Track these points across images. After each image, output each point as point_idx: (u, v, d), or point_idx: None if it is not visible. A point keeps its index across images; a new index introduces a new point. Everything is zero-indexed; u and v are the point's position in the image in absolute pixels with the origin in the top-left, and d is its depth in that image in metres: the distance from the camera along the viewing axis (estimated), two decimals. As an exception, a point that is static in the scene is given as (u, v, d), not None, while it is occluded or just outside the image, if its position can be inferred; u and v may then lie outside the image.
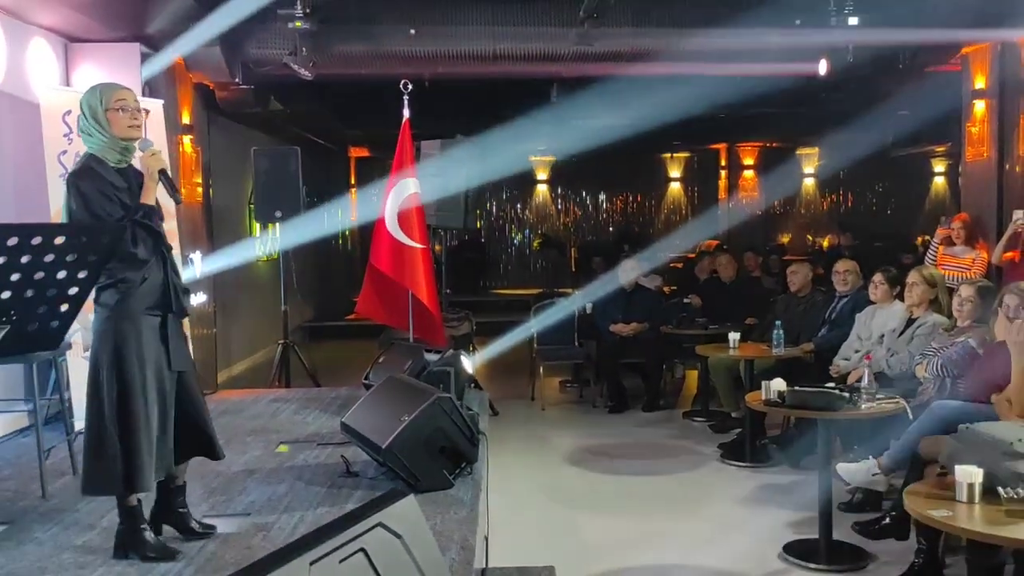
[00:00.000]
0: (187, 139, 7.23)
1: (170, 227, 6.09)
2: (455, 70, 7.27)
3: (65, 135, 5.48)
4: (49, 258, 1.76)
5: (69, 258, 1.78)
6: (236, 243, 8.59)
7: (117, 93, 3.14)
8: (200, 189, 7.52)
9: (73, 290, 1.85)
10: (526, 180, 16.33)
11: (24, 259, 1.72)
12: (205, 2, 6.40)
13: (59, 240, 1.75)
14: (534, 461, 6.04)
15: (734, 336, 6.08)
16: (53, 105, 5.43)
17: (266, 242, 10.08)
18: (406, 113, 6.24)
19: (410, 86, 6.23)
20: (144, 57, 6.45)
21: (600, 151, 14.84)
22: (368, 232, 6.78)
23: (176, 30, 6.43)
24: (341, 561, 2.01)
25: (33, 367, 3.99)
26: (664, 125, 11.73)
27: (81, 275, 1.84)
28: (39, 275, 1.77)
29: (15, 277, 1.73)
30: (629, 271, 7.74)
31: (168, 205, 6.06)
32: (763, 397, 4.35)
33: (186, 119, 7.22)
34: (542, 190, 16.56)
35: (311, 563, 1.95)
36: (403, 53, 6.97)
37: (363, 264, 6.80)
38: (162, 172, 3.05)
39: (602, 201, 16.72)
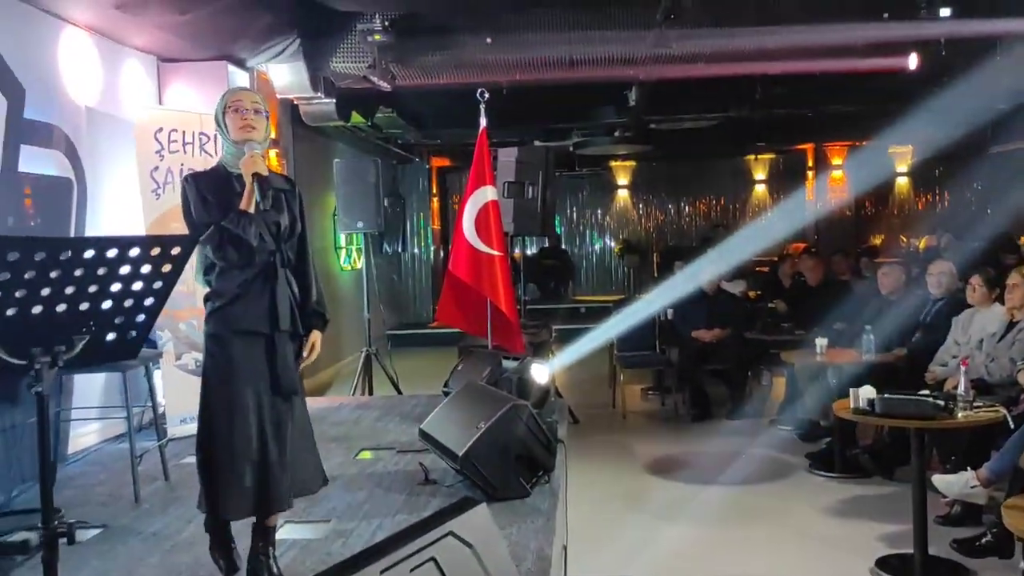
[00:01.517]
0: (273, 153, 7.42)
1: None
2: (532, 77, 7.26)
3: (157, 152, 5.70)
4: (125, 270, 1.80)
5: (144, 269, 1.82)
6: (321, 254, 8.78)
7: (234, 95, 3.07)
8: (285, 201, 7.71)
9: (148, 301, 1.89)
10: (606, 185, 16.23)
11: (100, 271, 1.76)
12: (289, 20, 6.57)
13: (134, 252, 1.79)
14: (615, 469, 5.96)
15: (821, 342, 5.88)
16: (145, 123, 5.64)
17: (349, 252, 10.28)
18: (483, 121, 6.26)
19: (487, 94, 6.24)
20: (231, 74, 6.66)
21: (681, 154, 14.71)
22: (448, 240, 6.83)
23: (261, 47, 6.62)
24: (412, 570, 2.01)
25: (125, 375, 4.14)
26: (749, 126, 11.53)
27: (156, 285, 1.88)
28: (115, 287, 1.82)
29: (92, 289, 1.77)
30: (709, 274, 7.58)
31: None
32: (852, 405, 4.18)
33: (272, 133, 7.41)
34: (622, 195, 16.42)
35: (382, 571, 1.95)
36: (480, 62, 7.00)
37: (444, 272, 6.85)
38: (256, 176, 2.90)
39: (684, 205, 16.48)
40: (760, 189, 16.20)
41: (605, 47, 6.80)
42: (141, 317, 1.89)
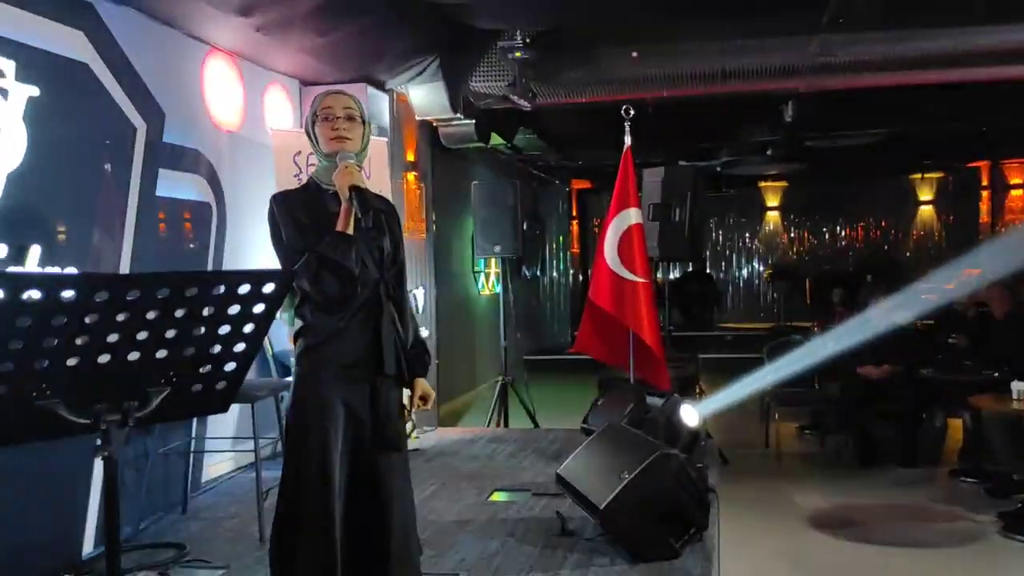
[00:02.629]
0: (411, 176, 7.30)
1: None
2: (680, 92, 6.82)
3: (295, 176, 5.62)
4: (208, 311, 1.53)
5: (232, 311, 1.55)
6: (458, 278, 8.61)
7: (325, 100, 2.61)
8: (423, 225, 7.57)
9: (240, 347, 1.63)
10: (755, 207, 15.47)
11: (179, 313, 1.50)
12: (428, 39, 6.43)
13: (219, 290, 1.52)
14: (772, 522, 5.38)
15: (1019, 386, 5.11)
16: (283, 146, 5.59)
17: (487, 276, 10.08)
18: (627, 140, 5.92)
19: (632, 112, 5.89)
20: (371, 97, 6.58)
21: (838, 173, 13.77)
22: (588, 265, 6.46)
23: (400, 68, 6.51)
24: None
25: (254, 406, 4.00)
26: (914, 142, 10.61)
27: (247, 329, 1.61)
28: (198, 331, 1.55)
29: (170, 334, 1.51)
30: (885, 307, 6.85)
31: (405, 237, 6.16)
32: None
33: (410, 156, 7.30)
34: (772, 216, 15.59)
35: None
36: (625, 77, 6.64)
37: (583, 297, 6.49)
38: (354, 189, 2.43)
39: (839, 228, 15.46)
40: (926, 210, 14.99)
41: (761, 57, 6.28)
42: (231, 366, 1.62)
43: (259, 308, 1.54)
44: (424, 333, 7.13)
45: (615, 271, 5.74)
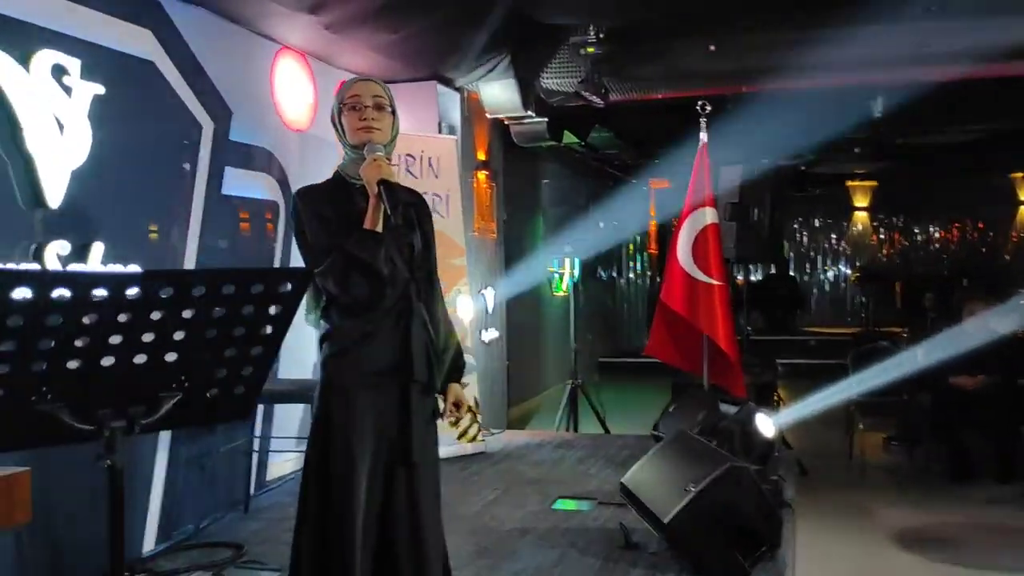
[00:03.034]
0: (482, 175, 7.22)
1: (458, 263, 6.14)
2: (759, 87, 6.54)
3: (363, 174, 5.61)
4: (219, 312, 1.44)
5: (245, 311, 1.45)
6: (528, 278, 8.49)
7: (352, 88, 2.45)
8: (494, 224, 7.48)
9: (256, 349, 1.53)
10: (841, 206, 14.89)
11: (186, 314, 1.41)
12: (499, 36, 6.33)
13: (229, 290, 1.43)
14: (854, 541, 5.08)
15: None
16: (352, 145, 5.58)
17: (559, 276, 9.93)
18: (703, 137, 5.72)
19: (708, 107, 5.68)
20: (440, 95, 6.52)
21: (932, 171, 13.13)
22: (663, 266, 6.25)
23: (471, 65, 6.43)
24: None
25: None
26: (1016, 138, 10.00)
27: (266, 330, 1.51)
28: (210, 332, 1.46)
29: (179, 336, 1.42)
30: (982, 313, 6.42)
31: (455, 238, 6.08)
32: None
33: (481, 155, 7.22)
34: (860, 217, 14.98)
35: None
36: (701, 72, 6.40)
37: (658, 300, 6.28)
38: (383, 184, 2.25)
39: (932, 229, 14.76)
40: (1028, 211, 14.19)
41: (848, 47, 5.95)
42: (248, 370, 1.53)
43: (275, 309, 1.45)
44: (494, 335, 7.11)
45: (689, 272, 5.55)
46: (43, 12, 3.25)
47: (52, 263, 3.16)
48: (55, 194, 3.24)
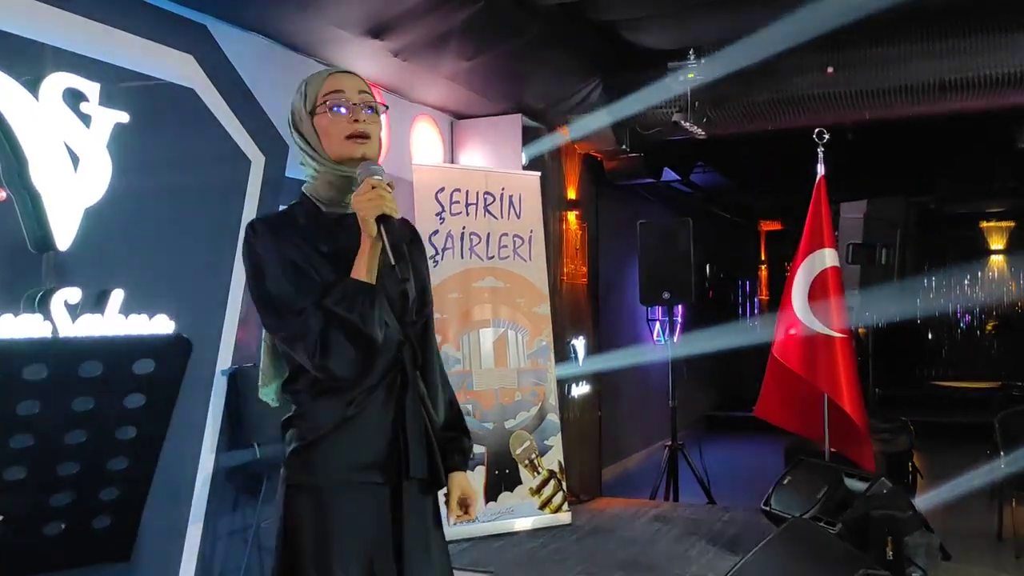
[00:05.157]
0: (572, 215, 6.68)
1: (541, 311, 5.57)
2: (886, 113, 5.78)
3: (437, 214, 5.19)
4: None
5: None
6: (625, 327, 7.85)
7: (328, 81, 1.83)
8: (585, 268, 6.90)
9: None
10: (976, 248, 13.65)
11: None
12: (588, 62, 5.83)
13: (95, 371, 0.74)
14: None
15: None
16: (425, 182, 5.18)
17: (657, 324, 9.24)
18: (821, 169, 5.05)
19: (826, 136, 5.01)
20: (525, 129, 6.04)
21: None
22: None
23: (557, 95, 5.93)
24: None
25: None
26: None
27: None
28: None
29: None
30: None
31: (537, 284, 5.52)
32: None
33: (571, 194, 6.69)
34: (996, 260, 13.70)
35: None
36: (818, 96, 5.70)
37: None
38: (383, 221, 1.70)
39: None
40: None
41: (988, 65, 5.17)
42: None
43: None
44: (584, 389, 6.47)
45: (805, 323, 4.84)
46: (56, 31, 2.91)
47: (59, 312, 2.77)
48: (65, 235, 2.86)
